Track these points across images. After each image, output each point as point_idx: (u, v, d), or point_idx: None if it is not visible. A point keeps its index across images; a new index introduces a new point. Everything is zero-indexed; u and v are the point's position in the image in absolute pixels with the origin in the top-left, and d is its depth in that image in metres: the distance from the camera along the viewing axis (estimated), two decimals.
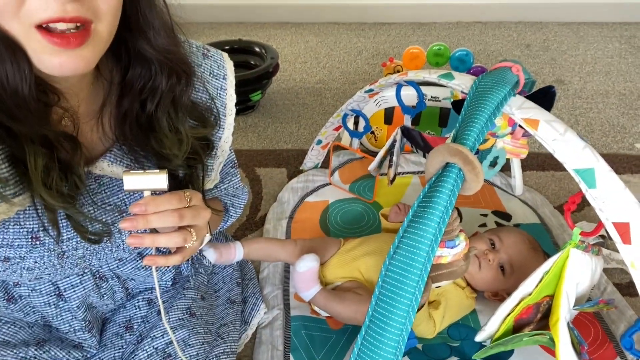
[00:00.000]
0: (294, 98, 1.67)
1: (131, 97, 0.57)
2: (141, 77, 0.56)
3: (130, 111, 0.58)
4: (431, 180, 0.67)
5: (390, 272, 0.63)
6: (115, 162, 0.60)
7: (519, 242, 0.90)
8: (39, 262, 0.57)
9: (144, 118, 0.58)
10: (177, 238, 0.55)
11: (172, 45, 0.56)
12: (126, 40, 0.54)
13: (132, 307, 0.76)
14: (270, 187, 1.26)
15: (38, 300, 0.66)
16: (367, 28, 2.18)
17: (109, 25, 0.48)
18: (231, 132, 0.72)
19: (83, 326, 0.69)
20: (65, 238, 0.57)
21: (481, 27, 2.16)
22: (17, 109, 0.46)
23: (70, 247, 0.58)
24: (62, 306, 0.67)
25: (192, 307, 0.77)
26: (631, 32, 2.09)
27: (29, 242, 0.55)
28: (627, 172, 1.29)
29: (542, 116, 0.67)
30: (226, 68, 0.69)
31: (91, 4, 0.45)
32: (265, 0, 2.21)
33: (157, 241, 0.54)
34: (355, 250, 0.92)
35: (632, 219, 0.59)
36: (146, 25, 0.53)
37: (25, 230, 0.54)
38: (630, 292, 0.94)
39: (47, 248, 0.56)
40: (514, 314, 0.74)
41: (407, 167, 1.29)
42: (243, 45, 1.63)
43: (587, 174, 0.61)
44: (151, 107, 0.57)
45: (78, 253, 0.60)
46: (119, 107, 0.58)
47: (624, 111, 1.57)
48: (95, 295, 0.70)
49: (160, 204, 0.53)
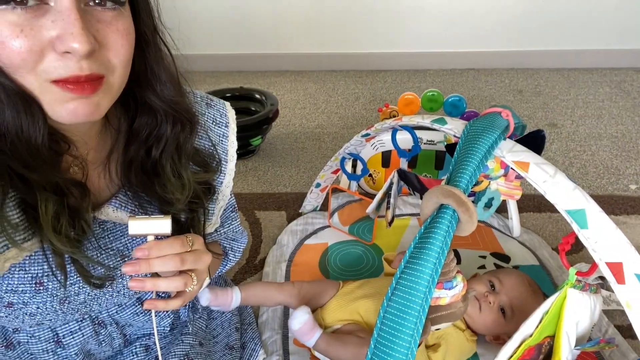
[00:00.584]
0: (293, 142, 1.71)
1: (137, 144, 0.59)
2: (147, 125, 0.59)
3: (136, 158, 0.60)
4: (426, 222, 0.68)
5: (388, 314, 0.63)
6: (120, 208, 0.61)
7: (519, 284, 0.90)
8: (42, 307, 0.57)
9: (149, 164, 0.60)
10: (178, 282, 0.56)
11: (177, 96, 0.58)
12: (134, 91, 0.57)
13: (129, 353, 0.75)
14: (270, 230, 1.27)
15: (37, 347, 0.66)
16: (364, 75, 2.25)
17: (120, 77, 0.50)
18: (232, 177, 0.74)
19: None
20: (69, 283, 0.58)
21: (474, 73, 2.24)
22: (31, 158, 0.48)
23: (73, 292, 0.59)
24: (60, 353, 0.67)
25: (190, 354, 0.76)
26: (621, 77, 2.16)
27: (33, 287, 0.55)
28: (623, 213, 1.30)
29: (532, 159, 0.69)
30: (228, 117, 0.72)
31: (104, 59, 0.47)
32: (265, 50, 2.29)
33: (158, 285, 0.55)
34: (354, 293, 0.92)
35: (625, 258, 0.59)
36: (154, 79, 0.56)
37: (29, 276, 0.55)
38: (632, 335, 0.93)
39: (50, 293, 0.57)
40: (515, 356, 0.73)
41: (405, 209, 1.31)
42: (244, 92, 1.69)
43: (578, 215, 0.62)
44: (156, 154, 0.59)
45: (80, 298, 0.60)
46: (125, 154, 0.61)
47: (617, 153, 1.60)
48: (94, 342, 0.69)
49: (163, 248, 0.54)
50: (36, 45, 0.43)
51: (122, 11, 0.48)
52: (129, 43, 0.49)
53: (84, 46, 0.43)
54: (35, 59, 0.43)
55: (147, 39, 0.54)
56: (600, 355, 0.88)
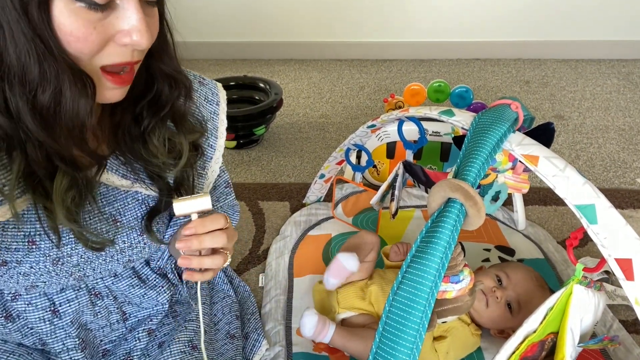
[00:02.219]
0: (297, 132, 1.70)
1: (123, 108, 0.61)
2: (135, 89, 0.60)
3: (122, 122, 0.62)
4: (434, 216, 0.67)
5: (394, 308, 0.62)
6: (111, 171, 0.63)
7: (526, 279, 0.89)
8: (35, 267, 0.59)
9: (135, 128, 0.63)
10: (220, 259, 0.62)
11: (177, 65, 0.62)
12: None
13: (132, 339, 0.76)
14: (273, 221, 1.26)
15: (33, 315, 0.67)
16: (369, 65, 2.23)
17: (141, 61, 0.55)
18: (221, 154, 0.77)
19: (76, 344, 0.69)
20: (62, 243, 0.59)
21: (480, 63, 2.21)
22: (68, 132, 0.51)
23: (66, 253, 0.60)
24: (57, 323, 0.68)
25: (194, 340, 0.76)
26: (629, 69, 2.13)
27: (26, 245, 0.57)
28: (629, 207, 1.29)
29: (542, 152, 0.68)
30: (219, 95, 0.76)
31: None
32: (269, 38, 2.27)
33: (203, 262, 0.61)
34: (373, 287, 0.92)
35: (635, 255, 0.59)
36: (163, 50, 0.59)
37: (22, 234, 0.56)
38: (636, 330, 0.93)
39: (43, 253, 0.58)
40: (519, 351, 0.73)
41: (410, 200, 1.30)
42: (248, 81, 1.67)
43: (588, 210, 0.62)
44: (147, 118, 0.62)
45: (73, 260, 0.61)
46: (112, 118, 0.63)
47: (624, 146, 1.59)
48: (90, 313, 0.70)
49: (208, 225, 0.60)
50: (103, 39, 0.49)
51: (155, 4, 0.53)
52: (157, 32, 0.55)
53: (148, 42, 0.49)
54: (98, 50, 0.49)
55: (162, 12, 0.58)
56: (604, 351, 0.87)
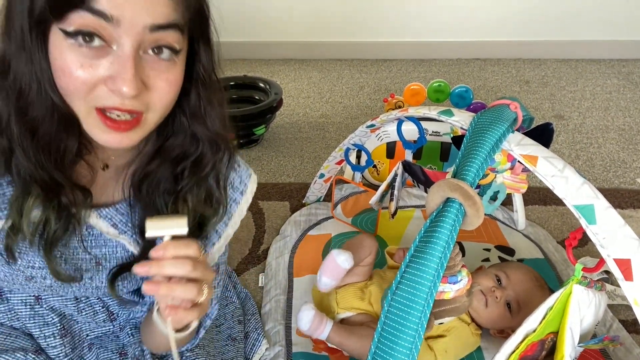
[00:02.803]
0: (297, 132, 1.70)
1: (161, 161, 0.61)
2: (180, 147, 0.60)
3: (155, 173, 0.61)
4: (432, 216, 0.67)
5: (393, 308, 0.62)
6: (102, 217, 0.62)
7: (526, 279, 0.89)
8: (8, 277, 0.60)
9: (169, 184, 0.61)
10: (193, 289, 0.53)
11: (222, 130, 0.61)
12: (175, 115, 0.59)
13: (125, 335, 0.76)
14: (273, 221, 1.26)
15: (16, 297, 0.67)
16: (369, 64, 2.23)
17: (158, 116, 0.54)
18: (226, 243, 0.73)
19: (56, 331, 0.68)
20: (37, 266, 0.59)
21: (480, 63, 2.21)
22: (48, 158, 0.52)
23: (39, 275, 0.60)
24: (37, 310, 0.68)
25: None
26: (629, 69, 2.13)
27: (2, 259, 0.57)
28: (629, 207, 1.29)
29: (541, 153, 0.68)
30: (248, 186, 0.71)
31: (147, 99, 0.51)
32: (269, 38, 2.27)
33: (173, 289, 0.52)
34: (372, 287, 0.92)
35: (634, 255, 0.59)
36: (205, 114, 0.59)
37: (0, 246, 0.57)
38: (636, 329, 0.93)
39: (17, 269, 0.59)
40: (518, 351, 0.73)
41: (409, 200, 1.30)
42: (248, 81, 1.67)
43: (586, 210, 0.62)
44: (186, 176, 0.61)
45: (46, 282, 0.61)
46: (146, 167, 0.61)
47: (624, 146, 1.59)
48: (73, 308, 0.69)
49: (180, 248, 0.53)
50: (91, 80, 0.48)
51: (176, 61, 0.52)
52: (174, 91, 0.53)
53: (131, 91, 0.48)
54: (87, 90, 0.49)
55: (205, 81, 0.58)
56: (604, 351, 0.87)
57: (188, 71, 0.55)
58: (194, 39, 0.55)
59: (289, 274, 1.06)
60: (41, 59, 0.48)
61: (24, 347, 0.67)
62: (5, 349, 0.65)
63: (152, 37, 0.48)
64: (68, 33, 0.46)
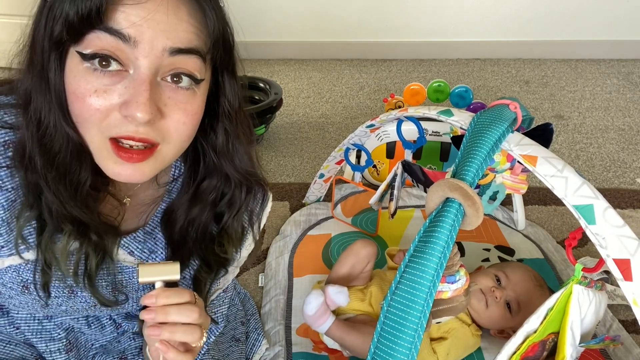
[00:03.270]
0: (297, 132, 1.70)
1: (202, 205, 0.61)
2: (216, 189, 0.60)
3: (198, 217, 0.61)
4: (432, 215, 0.67)
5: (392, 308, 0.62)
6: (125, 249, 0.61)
7: (525, 279, 0.89)
8: (24, 304, 0.59)
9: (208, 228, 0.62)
10: (195, 333, 0.54)
11: (251, 167, 0.61)
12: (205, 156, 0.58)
13: (126, 339, 0.76)
14: (273, 221, 1.26)
15: (24, 312, 0.66)
16: (369, 64, 2.23)
17: (174, 149, 0.51)
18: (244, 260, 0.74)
19: (61, 346, 0.68)
20: (53, 296, 0.58)
21: (480, 63, 2.21)
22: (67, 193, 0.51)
23: (55, 303, 0.60)
24: (45, 325, 0.67)
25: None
26: (628, 69, 2.13)
27: (20, 288, 0.57)
28: (629, 207, 1.29)
29: (540, 153, 0.68)
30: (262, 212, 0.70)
31: (162, 129, 0.49)
32: (269, 38, 2.27)
33: (174, 332, 0.53)
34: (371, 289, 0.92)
35: (633, 255, 0.58)
36: (233, 151, 0.58)
37: (20, 279, 0.56)
38: (636, 330, 0.93)
39: (34, 298, 0.58)
40: (519, 351, 0.73)
41: (409, 200, 1.30)
42: (248, 80, 1.67)
43: (586, 210, 0.61)
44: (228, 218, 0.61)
45: (61, 308, 0.61)
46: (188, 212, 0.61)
47: (624, 146, 1.59)
48: (83, 322, 0.69)
49: (171, 296, 0.53)
50: (105, 106, 0.46)
51: (196, 91, 0.50)
52: (192, 123, 0.51)
53: (145, 116, 0.45)
54: (100, 117, 0.47)
55: (231, 116, 0.56)
56: (604, 351, 0.87)
57: (214, 105, 0.54)
58: (217, 70, 0.53)
59: (288, 274, 1.06)
60: (58, 86, 0.47)
61: (24, 357, 0.66)
62: (4, 357, 0.65)
63: (171, 61, 0.46)
64: (85, 55, 0.45)
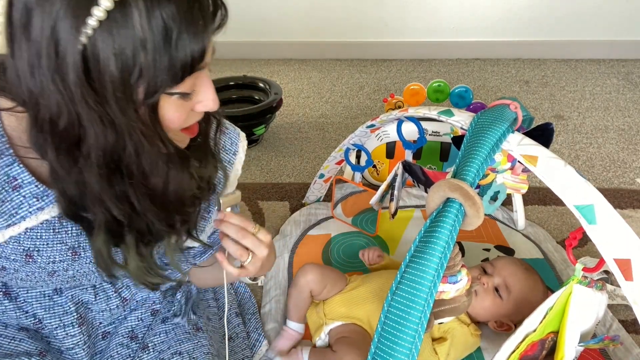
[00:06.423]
0: (296, 132, 1.70)
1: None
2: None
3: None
4: (432, 216, 0.67)
5: (392, 308, 0.62)
6: None
7: (510, 263, 0.91)
8: (30, 276, 0.62)
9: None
10: (238, 249, 0.65)
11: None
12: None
13: (134, 319, 0.77)
14: (273, 221, 1.26)
15: (35, 290, 0.68)
16: (368, 64, 2.23)
17: None
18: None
19: (74, 320, 0.70)
20: (58, 260, 0.61)
21: (480, 63, 2.21)
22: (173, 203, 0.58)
23: (61, 268, 0.62)
24: (57, 300, 0.70)
25: (198, 323, 0.78)
26: (628, 69, 2.13)
27: (23, 258, 0.59)
28: (629, 207, 1.29)
29: (541, 152, 0.68)
30: (238, 146, 0.76)
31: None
32: (269, 38, 2.27)
33: (227, 243, 0.65)
34: (358, 289, 0.91)
35: (634, 255, 0.59)
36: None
37: (22, 248, 0.59)
38: (636, 330, 0.93)
39: (39, 266, 0.61)
40: (519, 350, 0.73)
41: (409, 200, 1.30)
42: (248, 81, 1.67)
43: (587, 210, 0.62)
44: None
45: (68, 274, 0.63)
46: None
47: (623, 146, 1.59)
48: (91, 292, 0.72)
49: (234, 217, 0.65)
50: (186, 113, 0.54)
51: None
52: None
53: (217, 106, 0.55)
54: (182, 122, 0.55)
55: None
56: (604, 351, 0.87)
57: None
58: None
59: (288, 274, 1.06)
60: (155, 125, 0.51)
61: (28, 351, 0.68)
62: (9, 353, 0.66)
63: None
64: (173, 94, 0.50)
